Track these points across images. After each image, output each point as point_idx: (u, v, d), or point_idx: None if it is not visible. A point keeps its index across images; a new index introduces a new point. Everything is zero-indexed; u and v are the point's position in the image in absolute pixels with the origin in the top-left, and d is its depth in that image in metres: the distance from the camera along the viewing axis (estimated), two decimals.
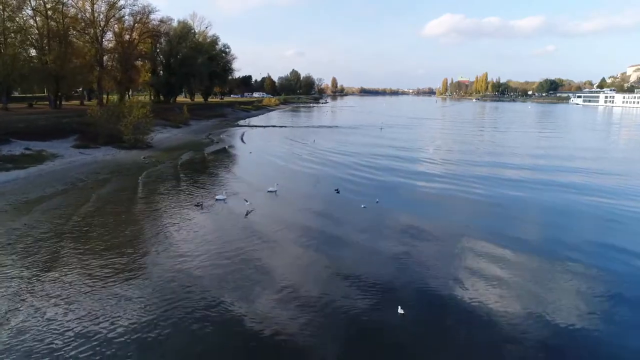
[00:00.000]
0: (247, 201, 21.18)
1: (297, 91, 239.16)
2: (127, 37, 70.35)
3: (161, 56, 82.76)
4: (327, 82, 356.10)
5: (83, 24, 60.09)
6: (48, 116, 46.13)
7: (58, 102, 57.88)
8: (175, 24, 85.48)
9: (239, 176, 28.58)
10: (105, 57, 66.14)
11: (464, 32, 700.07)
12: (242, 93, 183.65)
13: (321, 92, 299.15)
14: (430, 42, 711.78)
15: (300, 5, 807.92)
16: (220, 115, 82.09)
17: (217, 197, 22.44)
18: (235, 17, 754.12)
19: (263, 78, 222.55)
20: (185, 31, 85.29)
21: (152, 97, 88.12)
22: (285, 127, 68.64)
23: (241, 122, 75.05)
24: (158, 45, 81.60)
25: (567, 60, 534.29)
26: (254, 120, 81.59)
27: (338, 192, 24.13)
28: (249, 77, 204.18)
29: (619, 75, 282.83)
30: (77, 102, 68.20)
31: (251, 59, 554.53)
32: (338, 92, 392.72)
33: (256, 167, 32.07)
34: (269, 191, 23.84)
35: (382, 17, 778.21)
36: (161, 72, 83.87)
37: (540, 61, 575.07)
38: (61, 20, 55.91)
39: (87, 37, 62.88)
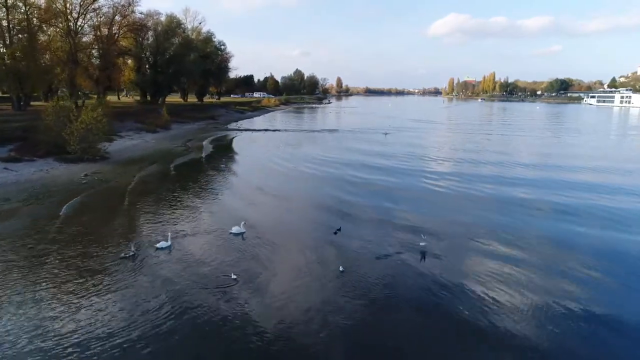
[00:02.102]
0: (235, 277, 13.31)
1: (302, 91, 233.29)
2: (105, 31, 63.92)
3: (146, 53, 76.10)
4: (331, 82, 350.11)
5: (51, 14, 53.39)
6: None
7: (22, 103, 51.66)
8: (163, 18, 78.83)
9: (199, 205, 21.08)
10: (80, 54, 59.66)
11: (469, 32, 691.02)
12: (243, 93, 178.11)
13: (325, 92, 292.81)
14: (435, 42, 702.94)
15: (304, 5, 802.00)
16: (211, 117, 75.32)
17: (158, 244, 15.63)
18: (239, 17, 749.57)
19: (265, 78, 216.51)
20: (173, 26, 78.58)
21: (140, 98, 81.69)
22: (279, 130, 61.70)
23: (232, 126, 68.25)
24: (144, 41, 75.10)
25: (574, 60, 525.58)
26: (246, 123, 74.78)
27: (336, 234, 17.18)
28: (251, 76, 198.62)
29: (629, 74, 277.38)
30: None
31: (255, 59, 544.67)
32: (343, 92, 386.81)
33: (226, 191, 24.49)
34: (232, 233, 17.01)
35: (386, 17, 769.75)
36: (148, 70, 77.29)
37: (546, 61, 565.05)
38: (24, 11, 49.44)
39: (59, 30, 56.58)
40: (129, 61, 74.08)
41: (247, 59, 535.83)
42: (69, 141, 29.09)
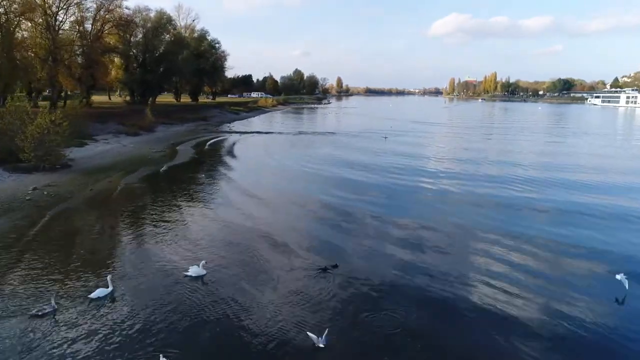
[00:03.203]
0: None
1: (301, 91, 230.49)
2: (89, 27, 60.29)
3: (134, 50, 72.32)
4: (331, 82, 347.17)
5: (27, 7, 49.60)
6: None
7: None
8: (153, 14, 74.93)
9: (153, 235, 16.74)
10: (61, 51, 55.81)
11: (470, 31, 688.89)
12: (241, 93, 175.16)
13: (325, 92, 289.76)
14: (436, 41, 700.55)
15: (304, 5, 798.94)
16: (202, 118, 71.59)
17: (93, 293, 11.76)
18: (240, 17, 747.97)
19: (265, 78, 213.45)
20: (163, 22, 74.79)
21: (129, 98, 77.77)
22: (272, 133, 58.00)
23: (223, 127, 64.52)
24: (132, 38, 71.39)
25: (575, 60, 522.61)
26: (239, 125, 71.00)
27: (326, 270, 13.62)
28: (249, 76, 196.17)
29: (632, 74, 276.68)
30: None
31: (256, 59, 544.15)
32: (343, 92, 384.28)
33: (187, 215, 19.62)
34: (187, 275, 13.21)
35: (386, 17, 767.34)
36: (137, 69, 73.52)
37: (547, 61, 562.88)
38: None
39: (37, 25, 52.86)
40: (116, 59, 70.35)
41: (247, 59, 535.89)
42: (22, 148, 25.38)
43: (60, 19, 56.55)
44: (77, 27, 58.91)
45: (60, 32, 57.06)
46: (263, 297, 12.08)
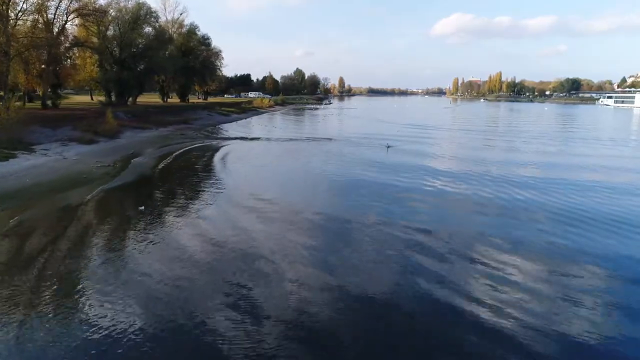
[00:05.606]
0: None
1: (303, 91, 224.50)
2: (52, 16, 52.97)
3: (109, 45, 64.87)
4: (333, 82, 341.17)
5: None
6: None
7: None
8: (131, 5, 67.43)
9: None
10: (15, 43, 48.41)
11: (473, 31, 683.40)
12: (239, 93, 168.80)
13: (327, 92, 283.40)
14: (438, 41, 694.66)
15: (308, 5, 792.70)
16: (184, 120, 63.94)
17: None
18: (244, 17, 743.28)
19: (264, 77, 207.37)
20: (142, 14, 67.30)
21: (104, 98, 70.28)
22: (258, 139, 50.32)
23: (206, 132, 56.98)
24: (107, 30, 64.04)
25: (580, 60, 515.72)
26: (226, 129, 63.39)
27: None
28: (248, 75, 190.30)
29: (638, 74, 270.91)
30: None
31: (258, 59, 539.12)
32: (345, 92, 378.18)
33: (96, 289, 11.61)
34: None
35: (389, 17, 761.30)
36: (113, 65, 66.12)
37: (551, 61, 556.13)
38: None
39: None
40: (89, 54, 62.90)
41: (248, 59, 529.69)
42: None
43: (19, 8, 49.40)
44: (38, 17, 51.60)
45: (20, 21, 49.86)
46: None
